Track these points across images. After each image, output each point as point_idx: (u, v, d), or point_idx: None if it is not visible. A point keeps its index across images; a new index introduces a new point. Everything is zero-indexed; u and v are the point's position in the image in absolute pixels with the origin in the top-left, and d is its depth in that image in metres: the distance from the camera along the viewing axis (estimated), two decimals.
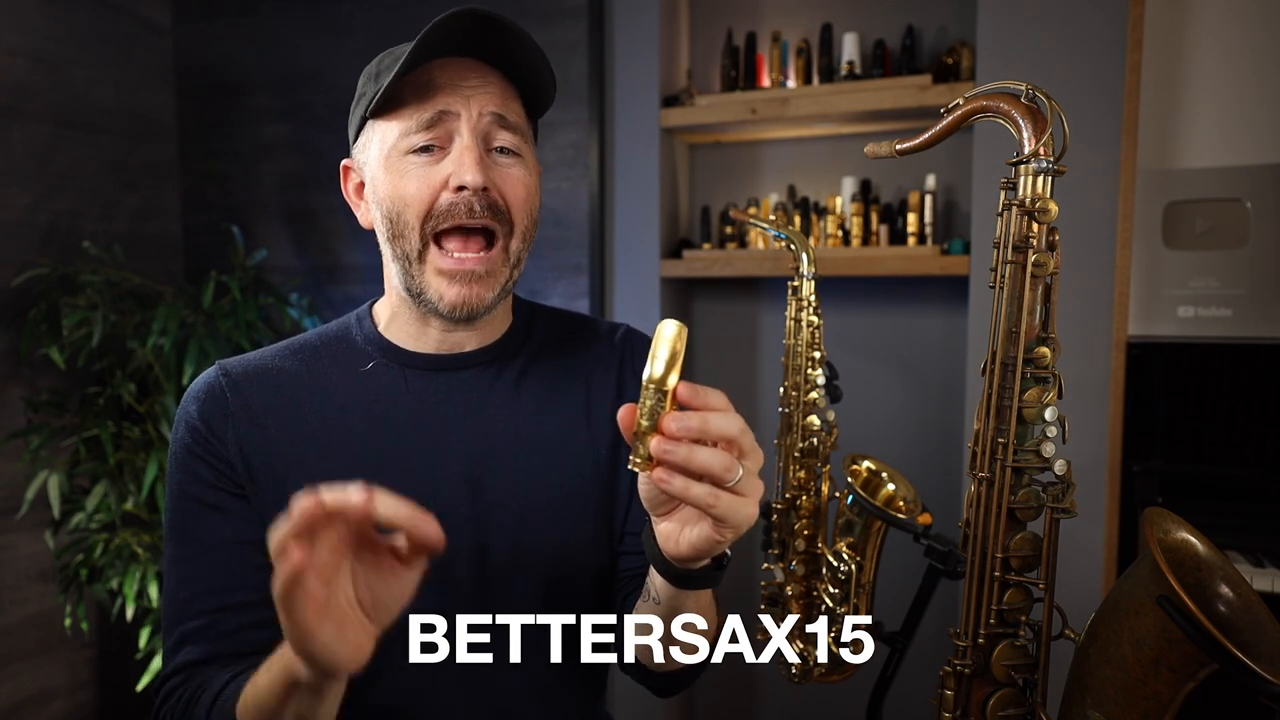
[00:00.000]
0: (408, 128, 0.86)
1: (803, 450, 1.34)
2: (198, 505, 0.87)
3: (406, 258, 0.88)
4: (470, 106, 0.86)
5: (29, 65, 2.13)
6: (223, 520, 0.87)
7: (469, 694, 0.91)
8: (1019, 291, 0.75)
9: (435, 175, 0.86)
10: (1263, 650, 0.67)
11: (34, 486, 2.03)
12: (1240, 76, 1.70)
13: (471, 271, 0.87)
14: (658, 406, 0.63)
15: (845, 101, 1.98)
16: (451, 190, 0.85)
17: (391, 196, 0.87)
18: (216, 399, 0.89)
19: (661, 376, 0.63)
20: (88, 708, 2.36)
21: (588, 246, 2.18)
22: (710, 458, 0.63)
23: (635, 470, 0.65)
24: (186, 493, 0.88)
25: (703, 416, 0.63)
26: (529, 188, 0.90)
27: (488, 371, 0.95)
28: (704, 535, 0.68)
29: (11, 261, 2.09)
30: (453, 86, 0.86)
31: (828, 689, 1.41)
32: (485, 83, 0.87)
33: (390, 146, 0.87)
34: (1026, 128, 0.73)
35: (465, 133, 0.86)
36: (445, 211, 0.86)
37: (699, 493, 0.63)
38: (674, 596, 0.78)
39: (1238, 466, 1.66)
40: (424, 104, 0.85)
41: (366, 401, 0.91)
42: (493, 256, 0.88)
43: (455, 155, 0.86)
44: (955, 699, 0.80)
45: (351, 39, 2.32)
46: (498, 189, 0.87)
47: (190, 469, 0.88)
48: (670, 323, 0.64)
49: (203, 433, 0.88)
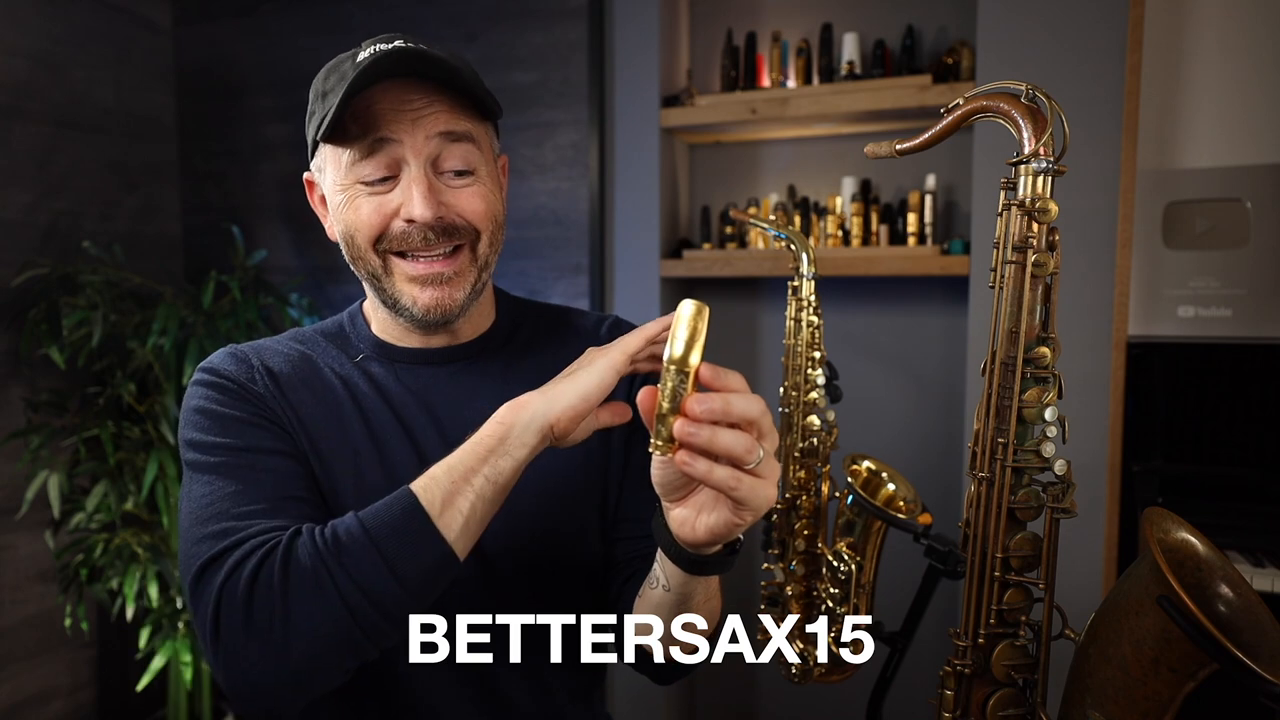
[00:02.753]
0: (354, 157, 0.85)
1: (803, 450, 1.34)
2: (238, 423, 0.84)
3: (373, 276, 0.89)
4: (415, 133, 0.84)
5: (29, 65, 2.13)
6: (269, 434, 0.85)
7: (468, 691, 0.91)
8: (1019, 291, 0.75)
9: (387, 205, 0.86)
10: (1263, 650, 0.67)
11: (34, 486, 2.03)
12: (1240, 76, 1.70)
13: (440, 273, 0.87)
14: (680, 388, 0.62)
15: (845, 101, 1.98)
16: (403, 220, 0.86)
17: (345, 222, 0.88)
18: (240, 360, 0.90)
19: (682, 357, 0.62)
20: (88, 708, 2.36)
21: (588, 246, 2.18)
22: (733, 440, 0.62)
23: (656, 454, 0.64)
24: (224, 415, 0.84)
25: (725, 398, 0.62)
26: (488, 199, 0.89)
27: (476, 364, 0.96)
28: (723, 519, 0.67)
29: (11, 261, 2.09)
30: (395, 112, 0.84)
31: (828, 689, 1.42)
32: (429, 101, 0.85)
33: (341, 175, 0.87)
34: (1026, 128, 0.73)
35: (412, 163, 0.85)
36: (398, 237, 0.86)
37: (722, 475, 0.62)
38: (685, 583, 0.78)
39: (1238, 466, 1.66)
40: (367, 134, 0.84)
41: (360, 390, 0.93)
42: (459, 260, 0.89)
43: (404, 186, 0.85)
44: (955, 699, 0.80)
45: (351, 39, 2.30)
46: (453, 210, 0.87)
47: (224, 401, 0.85)
48: (689, 302, 0.63)
49: (232, 377, 0.87)
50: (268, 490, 0.80)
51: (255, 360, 0.91)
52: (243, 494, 0.79)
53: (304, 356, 0.94)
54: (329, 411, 0.90)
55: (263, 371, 0.90)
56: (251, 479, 0.80)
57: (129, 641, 2.34)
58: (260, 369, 0.90)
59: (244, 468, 0.81)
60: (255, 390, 0.88)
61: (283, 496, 0.80)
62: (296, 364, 0.93)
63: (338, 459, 0.88)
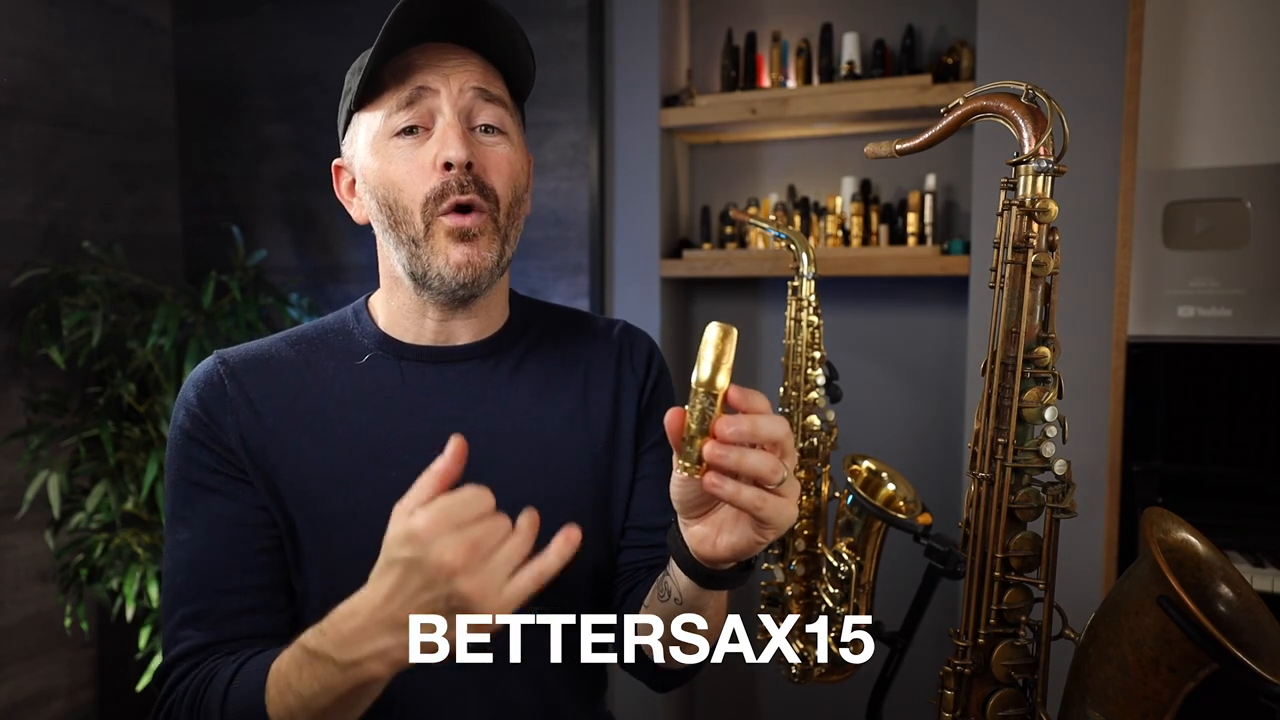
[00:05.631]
0: (390, 109, 0.86)
1: (803, 450, 1.34)
2: (198, 489, 0.87)
3: (412, 240, 0.87)
4: (450, 83, 0.86)
5: (29, 65, 2.13)
6: (223, 503, 0.87)
7: (468, 692, 0.91)
8: (1019, 291, 0.75)
9: (422, 156, 0.86)
10: (1263, 650, 0.67)
11: (34, 486, 2.03)
12: (1240, 76, 1.70)
13: (468, 228, 0.86)
14: (708, 410, 0.63)
15: (845, 101, 1.98)
16: (439, 169, 0.85)
17: (383, 183, 0.87)
18: (215, 386, 0.89)
19: (710, 379, 0.63)
20: (88, 708, 2.36)
21: (588, 246, 2.18)
22: (759, 461, 0.63)
23: (684, 474, 0.65)
24: (187, 478, 0.87)
25: (753, 420, 0.63)
26: (513, 165, 0.89)
27: (485, 364, 0.95)
28: (745, 537, 0.68)
29: (11, 261, 2.08)
30: (432, 66, 0.86)
31: (828, 689, 1.42)
32: (465, 62, 0.87)
33: (375, 133, 0.87)
34: (1026, 128, 0.73)
35: (447, 110, 0.86)
36: (439, 193, 0.85)
37: (749, 496, 0.64)
38: (699, 596, 0.79)
39: (1238, 466, 1.66)
40: (403, 84, 0.86)
41: (363, 393, 0.91)
42: (483, 219, 0.87)
43: (439, 133, 0.86)
44: (955, 699, 0.80)
45: (351, 39, 2.32)
46: (481, 166, 0.87)
47: (190, 454, 0.88)
48: (715, 325, 0.64)
49: (202, 419, 0.88)
50: (209, 583, 0.86)
51: (232, 389, 0.89)
52: (186, 587, 0.86)
53: (294, 367, 0.92)
54: (316, 434, 0.89)
55: (240, 401, 0.88)
56: (197, 568, 0.86)
57: (129, 641, 2.34)
58: (237, 399, 0.88)
59: (190, 544, 0.86)
60: (224, 431, 0.87)
61: (219, 590, 0.85)
62: (284, 379, 0.91)
63: (324, 481, 0.88)
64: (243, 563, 0.86)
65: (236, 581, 0.86)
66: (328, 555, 0.87)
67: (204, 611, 0.84)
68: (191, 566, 0.86)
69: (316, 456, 0.88)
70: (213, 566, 0.86)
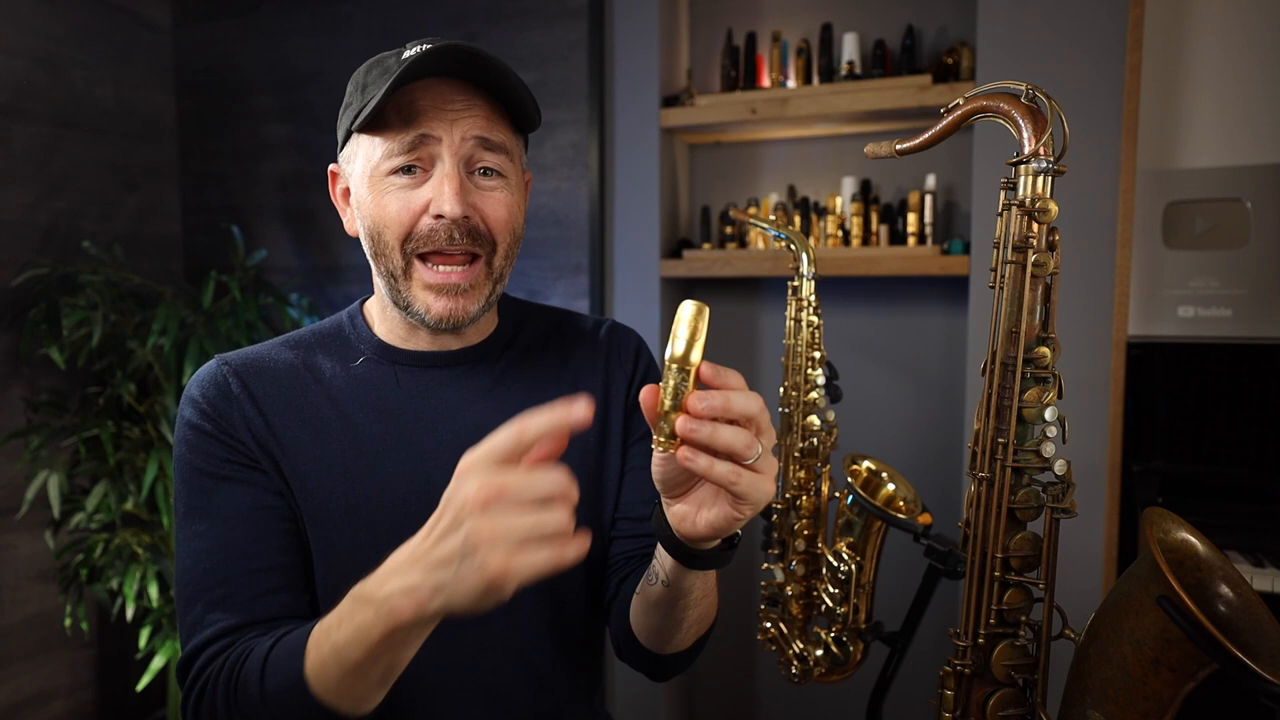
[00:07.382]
0: (390, 149, 0.86)
1: (803, 450, 1.34)
2: (212, 480, 0.87)
3: (391, 275, 0.89)
4: (453, 131, 0.86)
5: (29, 65, 2.13)
6: (240, 490, 0.87)
7: (467, 690, 0.91)
8: (1019, 291, 0.75)
9: (416, 199, 0.87)
10: (1263, 650, 0.67)
11: (34, 486, 2.03)
12: (1240, 76, 1.70)
13: (456, 285, 0.88)
14: (681, 385, 0.64)
15: (845, 101, 1.98)
16: (431, 216, 0.86)
17: (373, 216, 0.88)
18: (220, 385, 0.90)
19: (683, 355, 0.64)
20: (88, 708, 2.36)
21: (588, 246, 2.18)
22: (732, 436, 0.64)
23: (658, 449, 0.66)
24: (200, 470, 0.87)
25: (725, 395, 0.64)
26: (511, 208, 0.91)
27: (477, 368, 0.97)
28: (723, 514, 0.69)
29: (11, 261, 2.08)
30: (436, 110, 0.86)
31: (828, 689, 1.42)
32: (470, 105, 0.87)
33: (373, 165, 0.88)
34: (1026, 128, 0.73)
35: (447, 159, 0.86)
36: (425, 236, 0.87)
37: (722, 470, 0.64)
38: (684, 577, 0.79)
39: (1238, 466, 1.66)
40: (407, 127, 0.85)
41: (360, 393, 0.93)
42: (475, 271, 0.89)
43: (436, 181, 0.86)
44: (955, 699, 0.80)
45: (351, 39, 2.32)
46: (479, 213, 0.88)
47: (202, 448, 0.88)
48: (689, 303, 0.65)
49: (210, 414, 0.88)
50: (235, 566, 0.85)
51: (236, 387, 0.90)
52: (210, 573, 0.84)
53: (293, 369, 0.93)
54: (317, 431, 0.90)
55: (244, 398, 0.89)
56: (220, 554, 0.85)
57: (129, 641, 2.34)
58: (242, 395, 0.89)
59: (210, 533, 0.86)
60: (233, 425, 0.88)
61: (246, 571, 0.85)
62: (284, 380, 0.92)
63: (326, 477, 0.89)
64: (267, 543, 0.86)
65: (263, 562, 0.85)
66: (330, 549, 0.89)
67: (233, 594, 0.84)
68: (214, 553, 0.85)
69: (317, 453, 0.89)
70: (238, 549, 0.85)
